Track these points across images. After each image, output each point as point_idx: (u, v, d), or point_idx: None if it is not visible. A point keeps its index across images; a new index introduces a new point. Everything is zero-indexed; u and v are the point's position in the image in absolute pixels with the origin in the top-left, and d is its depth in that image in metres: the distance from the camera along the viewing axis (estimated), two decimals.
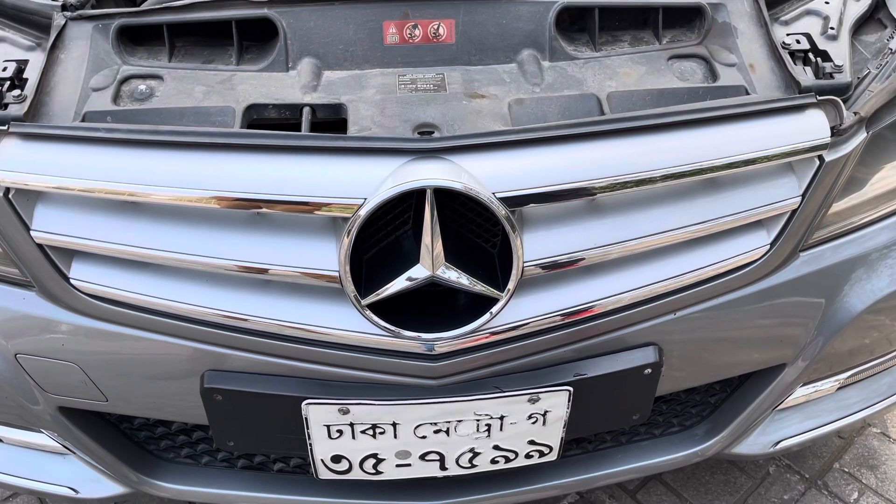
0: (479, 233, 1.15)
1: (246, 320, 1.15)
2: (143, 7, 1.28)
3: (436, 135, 1.12)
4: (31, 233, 1.11)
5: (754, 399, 1.44)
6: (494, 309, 1.10)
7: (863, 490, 1.88)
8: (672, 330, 1.26)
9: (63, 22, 1.23)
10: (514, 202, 1.05)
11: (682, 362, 1.31)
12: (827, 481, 1.91)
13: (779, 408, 1.50)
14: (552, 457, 1.34)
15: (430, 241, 1.05)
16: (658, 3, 1.31)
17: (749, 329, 1.32)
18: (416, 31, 1.25)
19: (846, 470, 1.94)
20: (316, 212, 1.05)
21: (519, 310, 1.15)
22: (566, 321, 1.18)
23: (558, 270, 1.14)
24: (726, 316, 1.28)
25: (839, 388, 1.54)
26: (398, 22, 1.25)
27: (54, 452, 1.42)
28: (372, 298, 1.08)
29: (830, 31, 1.31)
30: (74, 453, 1.40)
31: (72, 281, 1.15)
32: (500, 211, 1.03)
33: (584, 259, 1.13)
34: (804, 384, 1.47)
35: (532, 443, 1.30)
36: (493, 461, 1.32)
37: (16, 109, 1.13)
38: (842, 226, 1.33)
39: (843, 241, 1.33)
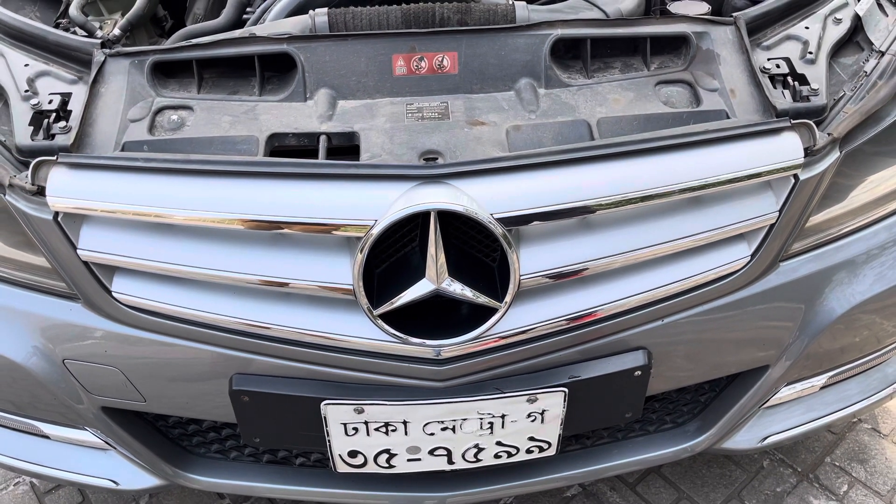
0: (479, 248, 1.26)
1: (269, 329, 1.26)
2: (174, 44, 1.40)
3: (439, 161, 1.23)
4: (78, 251, 1.22)
5: (741, 398, 1.53)
6: (494, 318, 1.21)
7: (853, 483, 1.97)
8: (660, 335, 1.36)
9: (103, 58, 1.36)
10: (510, 222, 1.15)
11: (671, 365, 1.41)
12: (818, 475, 2.00)
13: (766, 405, 1.60)
14: (551, 452, 1.45)
15: (435, 257, 1.16)
16: (646, 33, 1.41)
17: (733, 334, 1.41)
18: (423, 63, 1.36)
19: (837, 464, 2.03)
20: (332, 232, 1.16)
21: (517, 318, 1.25)
22: (562, 328, 1.29)
23: (553, 282, 1.24)
24: (711, 322, 1.38)
25: (825, 387, 1.63)
26: (406, 55, 1.36)
27: (96, 448, 1.55)
28: (383, 309, 1.18)
29: (809, 56, 1.41)
30: (115, 448, 1.52)
31: (114, 294, 1.27)
32: (498, 230, 1.14)
33: (577, 271, 1.23)
34: (789, 383, 1.56)
35: (532, 439, 1.41)
36: (497, 456, 1.43)
37: (63, 140, 1.25)
38: (821, 237, 1.42)
39: (822, 251, 1.42)
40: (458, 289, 1.18)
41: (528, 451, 1.44)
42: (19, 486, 2.05)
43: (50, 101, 1.31)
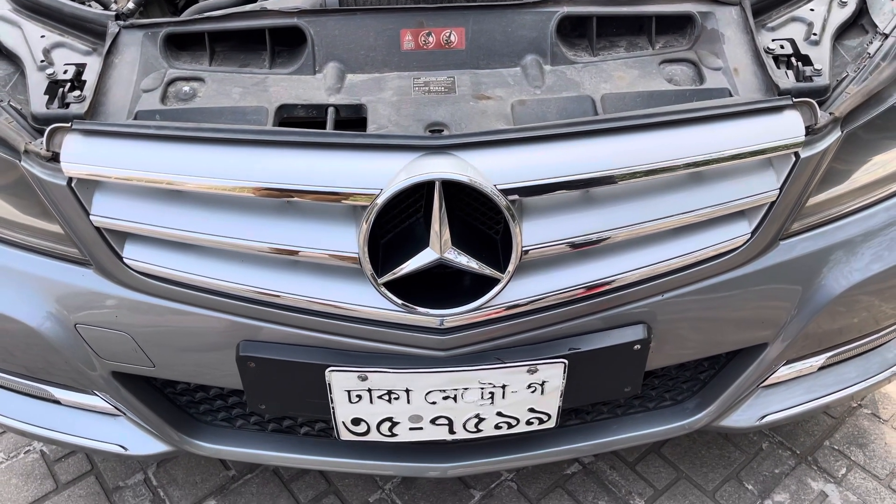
0: (483, 220, 1.28)
1: (276, 296, 1.28)
2: (187, 17, 1.43)
3: (445, 133, 1.26)
4: (91, 217, 1.25)
5: (740, 375, 1.55)
6: (496, 288, 1.23)
7: (851, 466, 1.99)
8: (660, 310, 1.37)
9: (117, 30, 1.39)
10: (513, 193, 1.18)
11: (670, 340, 1.43)
12: (817, 457, 2.02)
13: (765, 384, 1.62)
14: (551, 424, 1.47)
15: (439, 227, 1.18)
16: (652, 12, 1.42)
17: (732, 310, 1.43)
18: (430, 39, 1.39)
19: (836, 447, 2.04)
20: (339, 201, 1.19)
21: (519, 290, 1.28)
22: (562, 300, 1.31)
23: (554, 255, 1.27)
24: (711, 298, 1.39)
25: (823, 367, 1.65)
26: (414, 30, 1.38)
27: (106, 414, 1.58)
28: (388, 278, 1.21)
29: (813, 37, 1.42)
30: (124, 415, 1.56)
31: (125, 260, 1.29)
32: (501, 201, 1.16)
33: (578, 245, 1.25)
34: (788, 362, 1.58)
35: (532, 410, 1.44)
36: (497, 426, 1.46)
37: (77, 108, 1.28)
38: (821, 217, 1.43)
39: (821, 231, 1.43)
40: (461, 259, 1.21)
41: (528, 423, 1.46)
42: (30, 454, 2.09)
43: (65, 71, 1.34)
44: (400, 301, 1.23)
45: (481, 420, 1.44)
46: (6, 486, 2.00)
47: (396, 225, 1.27)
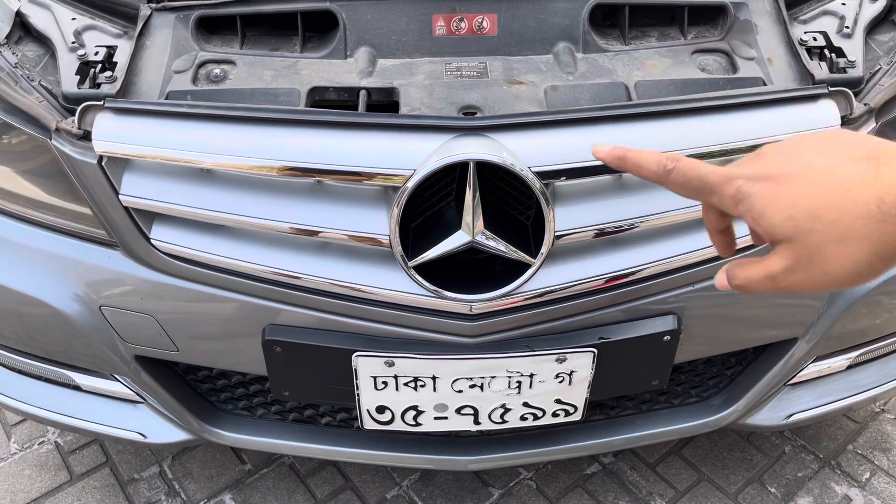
0: (514, 206, 1.27)
1: (305, 279, 1.26)
2: (219, 0, 1.43)
3: (478, 115, 1.25)
4: (120, 197, 1.24)
5: (767, 372, 1.53)
6: (527, 273, 1.22)
7: (875, 471, 1.96)
8: (690, 301, 1.36)
9: (149, 13, 1.39)
10: (547, 176, 1.17)
11: (699, 332, 1.41)
12: (840, 461, 1.99)
13: (791, 382, 1.60)
14: (577, 416, 1.45)
15: (472, 210, 1.16)
16: (684, 2, 1.42)
17: (762, 304, 1.41)
18: (462, 24, 1.38)
19: (859, 452, 2.02)
20: (370, 182, 1.17)
21: (549, 277, 1.26)
22: (592, 288, 1.29)
23: (586, 241, 1.25)
24: None
25: (850, 367, 1.63)
26: (446, 15, 1.38)
27: (126, 400, 1.57)
28: (418, 260, 1.20)
29: (846, 30, 1.41)
30: (145, 401, 1.54)
31: (152, 241, 1.28)
32: (536, 184, 1.15)
33: (609, 232, 1.24)
34: (816, 360, 1.56)
35: (559, 402, 1.42)
36: (523, 418, 1.44)
37: (108, 89, 1.27)
38: None
39: None
40: (492, 243, 1.19)
41: (555, 415, 1.44)
42: (44, 445, 2.08)
43: (96, 53, 1.34)
44: (431, 285, 1.22)
45: (507, 410, 1.42)
46: (20, 476, 1.99)
47: (426, 209, 1.26)
